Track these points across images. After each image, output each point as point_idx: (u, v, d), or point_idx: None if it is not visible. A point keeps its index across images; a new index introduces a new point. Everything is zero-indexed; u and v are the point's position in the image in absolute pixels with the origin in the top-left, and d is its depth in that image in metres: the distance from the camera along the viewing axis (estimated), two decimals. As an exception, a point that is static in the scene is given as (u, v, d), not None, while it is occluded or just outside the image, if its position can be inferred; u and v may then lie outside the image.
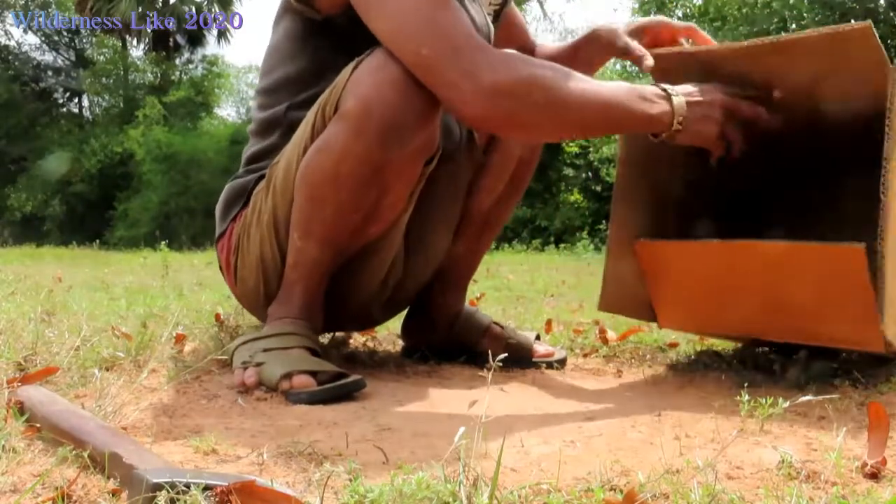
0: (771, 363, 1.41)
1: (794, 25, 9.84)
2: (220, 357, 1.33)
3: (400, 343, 1.66)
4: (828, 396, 1.12)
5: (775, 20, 10.20)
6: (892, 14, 10.12)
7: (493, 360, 0.82)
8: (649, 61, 1.37)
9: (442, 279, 1.55)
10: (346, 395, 1.16)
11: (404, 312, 1.61)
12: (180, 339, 1.48)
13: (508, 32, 1.59)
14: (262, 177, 1.36)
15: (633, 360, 1.61)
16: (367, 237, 1.30)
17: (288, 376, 1.15)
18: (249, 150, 1.44)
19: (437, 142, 1.28)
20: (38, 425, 0.85)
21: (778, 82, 1.29)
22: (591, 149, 12.00)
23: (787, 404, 1.01)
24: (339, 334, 1.67)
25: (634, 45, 1.43)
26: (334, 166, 1.20)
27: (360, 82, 1.18)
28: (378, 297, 1.43)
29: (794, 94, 1.29)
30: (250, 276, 1.36)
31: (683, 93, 1.23)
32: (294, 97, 1.36)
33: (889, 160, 1.14)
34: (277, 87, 1.38)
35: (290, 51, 1.37)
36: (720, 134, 1.26)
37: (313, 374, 1.17)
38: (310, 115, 1.26)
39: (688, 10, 12.23)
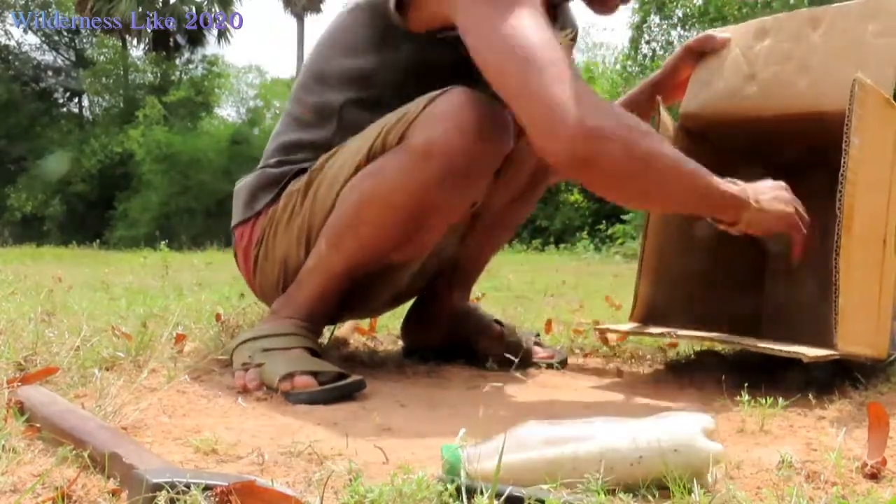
0: (771, 363, 1.41)
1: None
2: (220, 357, 1.33)
3: (400, 343, 1.66)
4: (828, 396, 1.12)
5: (775, 20, 10.19)
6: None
7: (493, 361, 0.82)
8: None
9: (449, 275, 1.55)
10: (346, 395, 1.16)
11: (405, 313, 1.61)
12: (180, 339, 1.47)
13: None
14: (299, 172, 1.33)
15: (633, 360, 1.61)
16: (392, 261, 1.31)
17: (289, 377, 1.15)
18: (288, 136, 1.38)
19: (488, 188, 1.29)
20: (38, 425, 0.85)
21: None
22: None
23: (787, 404, 1.02)
24: (339, 335, 1.67)
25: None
26: (387, 194, 1.20)
27: (433, 121, 1.16)
28: (384, 297, 1.44)
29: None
30: (272, 272, 1.37)
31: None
32: (354, 93, 1.31)
33: (845, 177, 1.12)
34: (338, 77, 1.32)
35: (360, 45, 1.31)
36: (796, 212, 1.24)
37: (314, 374, 1.17)
38: (369, 134, 1.23)
39: (688, 10, 12.20)
